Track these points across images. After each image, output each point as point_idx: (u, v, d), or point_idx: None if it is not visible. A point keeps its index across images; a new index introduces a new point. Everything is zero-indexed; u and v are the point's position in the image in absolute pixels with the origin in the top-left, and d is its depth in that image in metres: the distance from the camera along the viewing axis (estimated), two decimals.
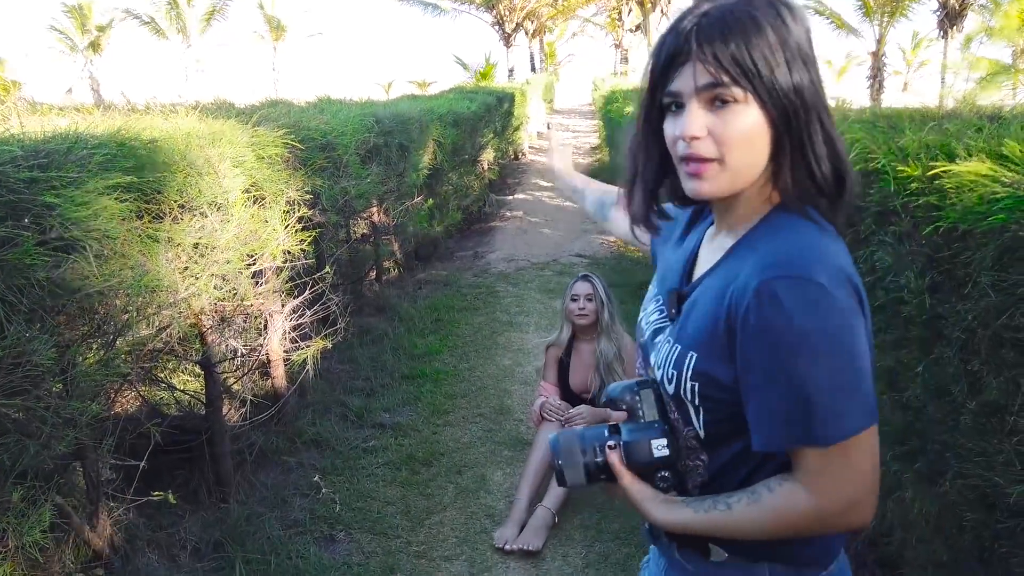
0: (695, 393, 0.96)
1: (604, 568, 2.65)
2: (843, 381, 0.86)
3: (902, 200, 1.86)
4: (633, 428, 1.03)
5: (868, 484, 0.89)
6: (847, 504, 0.89)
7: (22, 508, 1.86)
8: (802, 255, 0.89)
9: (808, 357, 0.85)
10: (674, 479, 1.02)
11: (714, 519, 0.96)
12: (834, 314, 0.85)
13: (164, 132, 2.44)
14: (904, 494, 2.01)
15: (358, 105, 5.32)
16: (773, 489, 0.93)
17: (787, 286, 0.86)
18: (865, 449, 0.88)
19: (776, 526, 0.93)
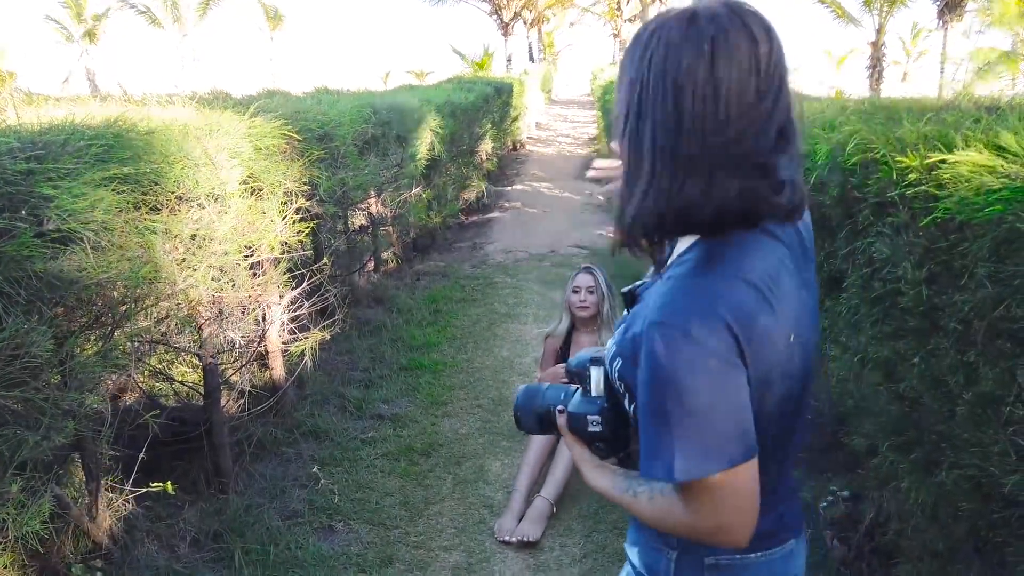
0: (623, 389, 1.06)
1: (602, 558, 2.67)
2: (704, 424, 0.90)
3: (900, 191, 1.86)
4: (580, 400, 1.15)
5: (736, 515, 0.93)
6: (715, 528, 0.94)
7: (22, 499, 1.87)
8: (676, 302, 0.94)
9: (667, 402, 0.91)
10: (607, 450, 1.12)
11: (623, 499, 1.06)
12: (697, 361, 0.90)
13: (161, 123, 2.43)
14: (900, 484, 2.02)
15: (356, 95, 5.30)
16: (665, 494, 0.99)
17: (659, 333, 0.91)
18: (732, 485, 0.91)
19: (662, 525, 1.02)
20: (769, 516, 1.07)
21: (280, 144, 3.12)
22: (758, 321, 0.93)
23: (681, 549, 1.08)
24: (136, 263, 2.11)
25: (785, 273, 0.98)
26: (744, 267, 0.94)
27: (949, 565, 1.89)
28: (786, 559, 1.10)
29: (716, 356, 0.90)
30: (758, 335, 0.93)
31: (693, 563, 1.07)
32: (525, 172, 11.78)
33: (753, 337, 0.92)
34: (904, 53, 30.88)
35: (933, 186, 1.74)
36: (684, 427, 0.90)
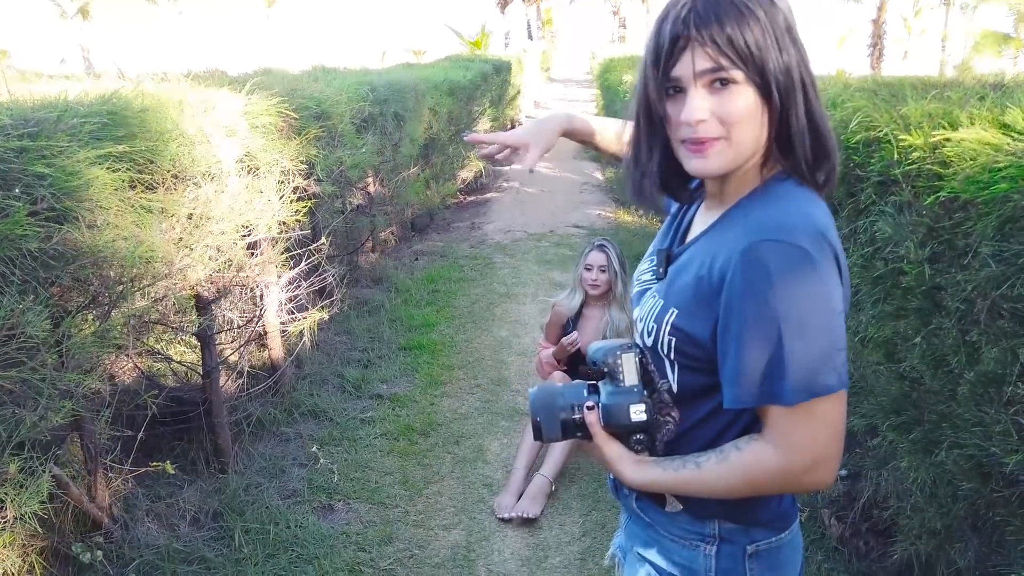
0: (671, 347, 1.01)
1: (600, 536, 2.68)
2: (816, 343, 0.89)
3: (903, 169, 1.84)
4: (613, 391, 1.05)
5: (832, 445, 0.92)
6: (811, 463, 0.93)
7: (20, 479, 1.86)
8: (788, 220, 0.93)
9: (785, 318, 0.89)
10: (647, 442, 1.05)
11: (683, 477, 1.01)
12: (814, 278, 0.89)
13: (156, 100, 2.40)
14: (899, 463, 2.02)
15: (353, 73, 5.25)
16: (741, 448, 0.97)
17: (772, 249, 0.90)
18: (831, 411, 0.91)
19: (743, 483, 0.98)
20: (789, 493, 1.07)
21: (277, 122, 3.08)
22: (843, 258, 0.95)
23: (721, 539, 1.05)
24: (132, 242, 2.09)
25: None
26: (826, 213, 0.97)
27: (947, 544, 1.90)
28: (797, 534, 1.11)
29: (827, 274, 0.90)
30: (846, 274, 0.95)
31: (734, 553, 1.05)
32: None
33: (844, 273, 0.94)
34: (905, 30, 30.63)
35: (937, 164, 1.72)
36: (798, 346, 0.88)
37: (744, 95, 0.94)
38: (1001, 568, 1.67)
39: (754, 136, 0.97)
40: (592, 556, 2.57)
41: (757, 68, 0.93)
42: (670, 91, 0.98)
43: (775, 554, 1.07)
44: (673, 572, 1.09)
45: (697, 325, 0.97)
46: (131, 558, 2.40)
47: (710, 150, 0.96)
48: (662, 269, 1.10)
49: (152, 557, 2.43)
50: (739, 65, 0.92)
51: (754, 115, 0.96)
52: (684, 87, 0.96)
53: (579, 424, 1.08)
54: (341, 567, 2.51)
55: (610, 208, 7.82)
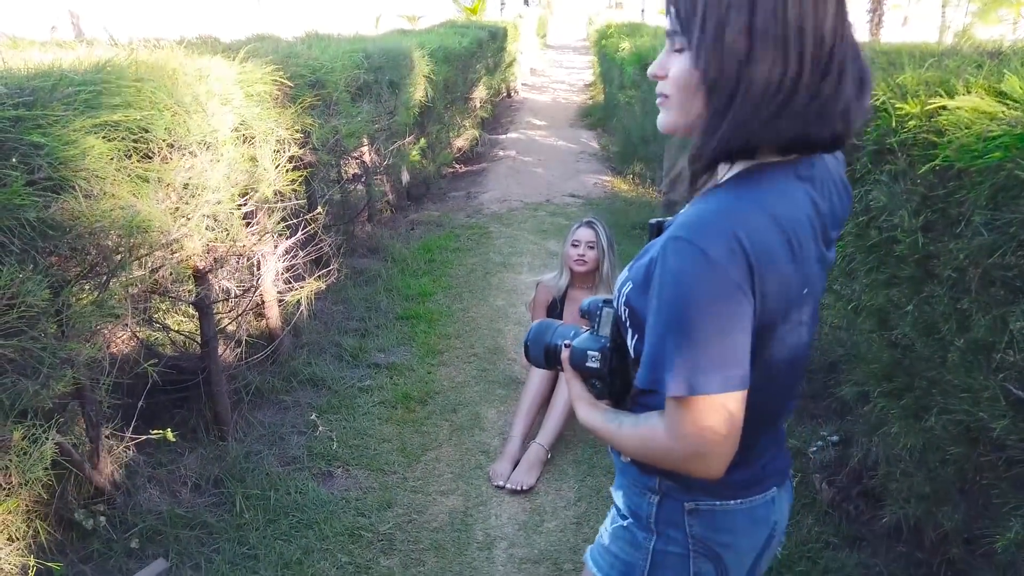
0: (626, 316, 1.07)
1: (596, 501, 2.73)
2: (702, 344, 0.90)
3: (899, 138, 1.84)
4: (586, 337, 1.18)
5: (717, 443, 0.93)
6: (692, 453, 0.95)
7: (24, 446, 1.89)
8: (702, 219, 0.93)
9: (675, 315, 0.91)
10: (603, 388, 1.15)
11: (609, 429, 1.09)
12: (709, 282, 0.89)
13: (150, 69, 2.39)
14: (890, 429, 2.06)
15: (347, 40, 5.19)
16: (649, 420, 1.02)
17: (675, 247, 0.91)
18: (717, 412, 0.91)
19: (642, 452, 1.05)
20: (752, 467, 1.10)
21: (271, 90, 3.06)
22: (776, 259, 0.93)
23: (663, 493, 1.11)
24: (129, 212, 2.09)
25: (808, 226, 0.98)
26: (774, 204, 0.95)
27: (935, 507, 1.94)
28: (767, 506, 1.14)
29: (728, 279, 0.89)
30: (773, 273, 0.92)
31: (674, 507, 1.11)
32: (520, 120, 11.64)
33: (768, 273, 0.92)
34: None
35: (932, 133, 1.73)
36: (686, 343, 0.90)
37: (682, 63, 0.97)
38: (987, 530, 1.71)
39: (688, 105, 0.98)
40: (587, 521, 2.62)
41: (703, 41, 0.92)
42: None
43: (720, 516, 1.10)
44: (625, 513, 1.18)
45: (641, 301, 1.00)
46: (133, 524, 2.44)
47: (663, 106, 1.02)
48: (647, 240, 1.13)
49: (154, 523, 2.47)
50: (676, 29, 0.96)
51: (687, 84, 0.96)
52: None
53: (558, 357, 1.22)
54: (341, 532, 2.55)
55: (607, 177, 7.79)
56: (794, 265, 0.95)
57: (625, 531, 1.17)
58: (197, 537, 2.47)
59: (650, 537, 1.13)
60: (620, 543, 1.18)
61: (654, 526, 1.13)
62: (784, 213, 0.95)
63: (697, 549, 1.11)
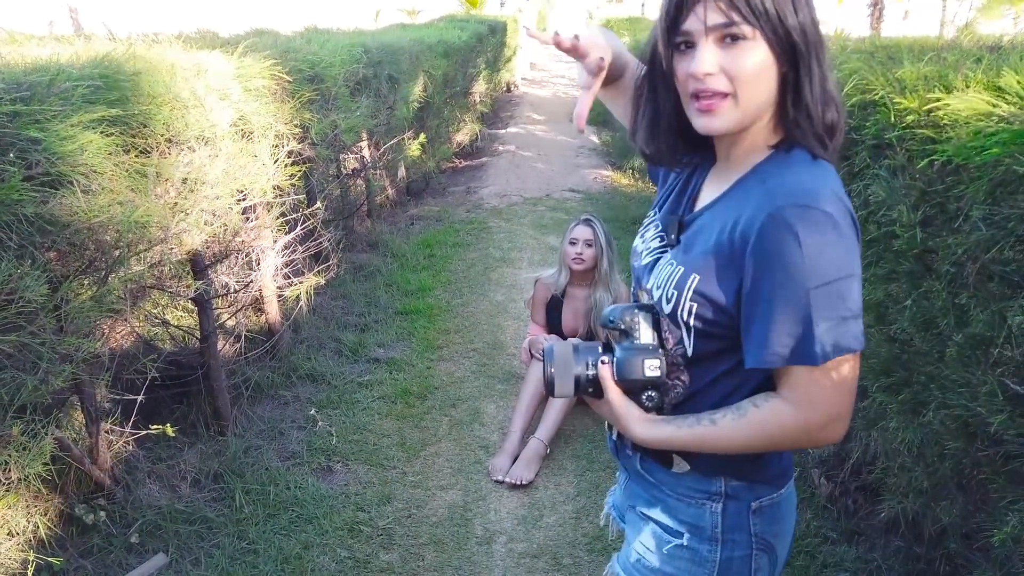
0: (691, 313, 1.01)
1: (595, 496, 2.73)
2: (840, 305, 0.91)
3: (898, 133, 1.84)
4: (628, 347, 1.06)
5: (847, 403, 0.96)
6: (829, 419, 0.96)
7: (23, 441, 1.89)
8: (811, 186, 0.93)
9: (813, 282, 0.90)
10: (658, 400, 1.06)
11: (698, 433, 1.02)
12: (840, 242, 0.91)
13: (148, 63, 2.38)
14: (888, 424, 2.06)
15: (346, 34, 5.18)
16: (759, 405, 0.99)
17: (798, 214, 0.90)
18: (850, 371, 0.94)
19: (762, 438, 1.00)
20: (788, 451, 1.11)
21: (270, 85, 3.06)
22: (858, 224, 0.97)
23: (727, 496, 1.08)
24: (128, 207, 2.09)
25: None
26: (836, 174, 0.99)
27: (933, 502, 1.94)
28: (793, 491, 1.16)
29: (850, 238, 0.92)
30: (859, 230, 0.96)
31: (739, 510, 1.09)
32: (519, 114, 11.62)
33: (858, 230, 0.96)
34: None
35: (931, 128, 1.72)
36: (826, 308, 0.90)
37: (755, 52, 0.93)
38: (985, 525, 1.71)
39: (763, 97, 0.96)
40: (586, 515, 2.63)
41: (771, 25, 0.92)
42: (681, 47, 0.97)
43: (776, 509, 1.11)
44: (679, 529, 1.12)
45: (718, 290, 0.98)
46: (133, 519, 2.45)
47: (717, 108, 0.96)
48: (674, 236, 1.10)
49: (154, 517, 2.47)
50: (751, 20, 0.91)
51: (765, 74, 0.95)
52: (695, 42, 0.95)
53: (592, 380, 1.09)
54: (340, 526, 2.56)
55: (606, 171, 7.79)
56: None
57: (684, 549, 1.12)
58: (197, 532, 2.47)
59: (715, 549, 1.10)
60: (679, 563, 1.12)
61: (720, 534, 1.09)
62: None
63: (758, 546, 1.10)
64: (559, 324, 3.36)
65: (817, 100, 0.97)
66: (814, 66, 0.96)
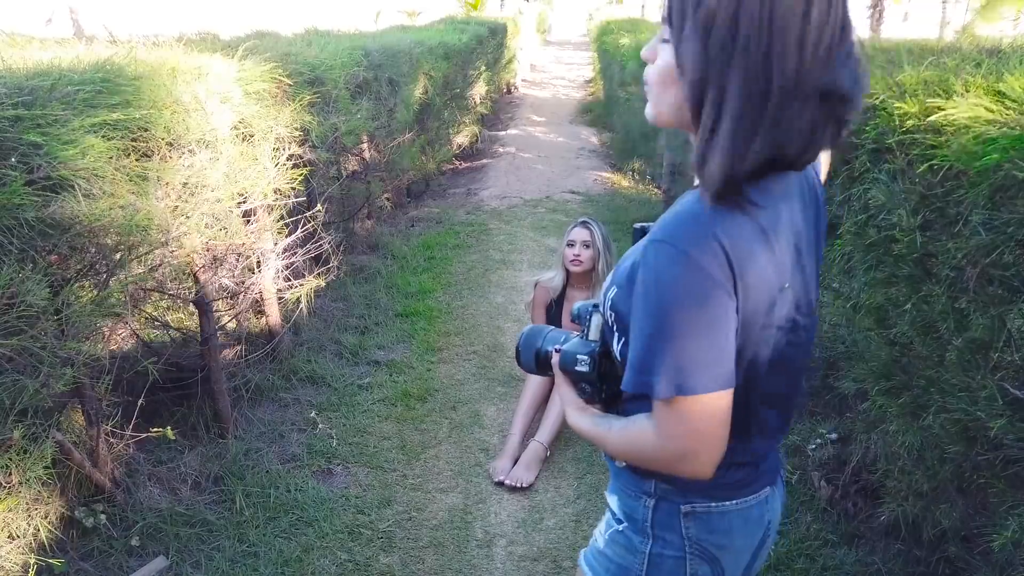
0: (612, 320, 1.07)
1: (595, 498, 2.73)
2: (688, 345, 0.90)
3: (897, 137, 1.84)
4: (575, 342, 1.18)
5: (705, 442, 0.93)
6: (681, 454, 0.95)
7: (24, 445, 1.89)
8: (679, 223, 0.93)
9: (661, 318, 0.91)
10: (592, 392, 1.16)
11: (600, 433, 1.10)
12: (694, 283, 0.89)
13: (149, 67, 2.38)
14: (888, 427, 2.06)
15: (347, 37, 5.18)
16: (638, 422, 1.01)
17: (656, 249, 0.91)
18: (703, 411, 0.92)
19: (632, 454, 1.05)
20: (746, 468, 1.10)
21: (271, 88, 3.06)
22: (756, 255, 0.92)
23: (659, 496, 1.11)
24: (129, 211, 2.09)
25: (787, 219, 0.98)
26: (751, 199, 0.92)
27: (933, 505, 1.95)
28: (761, 506, 1.14)
29: (710, 280, 0.89)
30: (753, 270, 0.92)
31: (670, 510, 1.11)
32: (519, 116, 11.63)
33: (748, 271, 0.91)
34: None
35: (931, 132, 1.73)
36: (671, 345, 0.90)
37: (662, 54, 0.95)
38: (985, 528, 1.72)
39: (665, 100, 0.97)
40: (587, 518, 2.63)
41: (675, 35, 0.91)
42: None
43: (716, 519, 1.10)
44: (620, 517, 1.18)
45: (626, 306, 1.00)
46: (134, 521, 2.45)
47: (647, 94, 1.00)
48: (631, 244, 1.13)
49: (155, 520, 2.48)
50: (665, 20, 0.93)
51: (665, 78, 0.95)
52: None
53: (547, 361, 1.25)
54: (340, 529, 2.56)
55: (607, 173, 7.79)
56: (772, 257, 0.94)
57: (621, 535, 1.17)
58: (197, 534, 2.48)
59: (646, 541, 1.13)
60: (616, 547, 1.18)
61: (650, 530, 1.13)
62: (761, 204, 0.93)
63: (693, 551, 1.11)
64: (559, 327, 3.36)
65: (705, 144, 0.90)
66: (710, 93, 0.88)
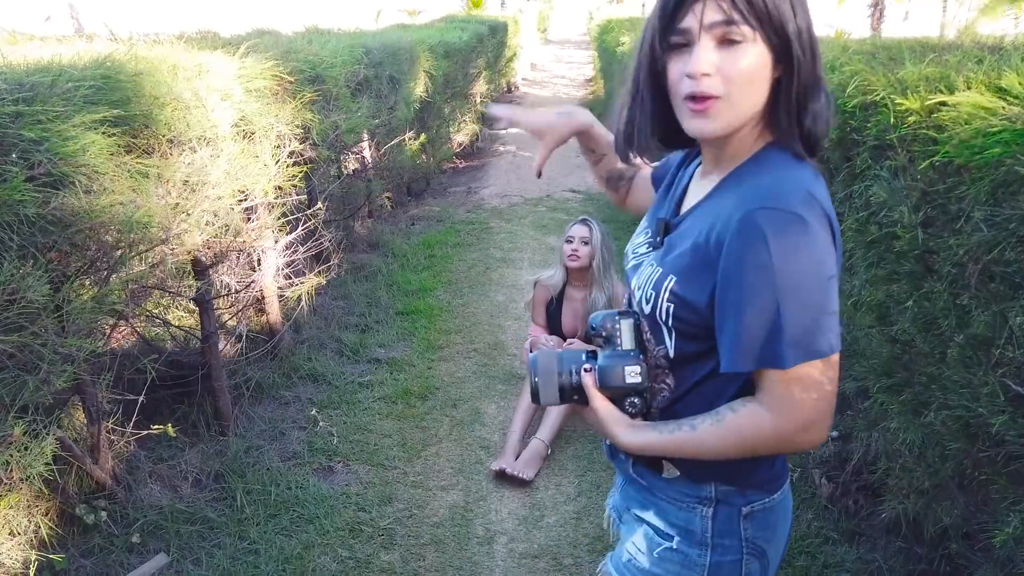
0: (669, 314, 1.01)
1: (596, 496, 2.73)
2: (810, 308, 0.90)
3: (899, 133, 1.84)
4: (610, 354, 1.08)
5: (824, 407, 0.94)
6: (804, 424, 0.94)
7: (25, 441, 1.89)
8: (782, 188, 0.92)
9: (781, 284, 0.89)
10: (642, 406, 1.07)
11: (678, 439, 1.02)
12: (809, 244, 0.90)
13: (150, 64, 2.38)
14: (889, 424, 2.06)
15: (347, 35, 5.18)
16: (736, 410, 0.99)
17: (767, 216, 0.90)
18: (824, 374, 0.92)
19: (738, 445, 0.99)
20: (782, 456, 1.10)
21: (271, 86, 3.06)
22: (836, 222, 0.96)
23: (718, 501, 1.08)
24: (129, 208, 2.09)
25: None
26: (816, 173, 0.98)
27: (934, 502, 1.94)
28: (788, 495, 1.15)
29: (824, 240, 0.91)
30: (838, 235, 0.96)
31: (729, 515, 1.08)
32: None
33: (836, 234, 0.95)
34: None
35: (933, 129, 1.72)
36: (794, 310, 0.89)
37: (753, 54, 0.92)
38: (986, 525, 1.71)
39: (755, 100, 0.95)
40: (587, 515, 2.63)
41: (772, 27, 0.91)
42: (676, 45, 0.95)
43: (768, 514, 1.10)
44: (670, 532, 1.12)
45: (694, 291, 0.97)
46: (135, 519, 2.45)
47: (710, 110, 0.94)
48: (659, 239, 1.10)
49: (155, 517, 2.48)
50: (751, 21, 0.90)
51: (760, 77, 0.94)
52: (691, 41, 0.93)
53: (576, 387, 1.10)
54: (341, 526, 2.56)
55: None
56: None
57: (674, 553, 1.11)
58: (198, 532, 2.48)
59: (704, 553, 1.09)
60: (668, 565, 1.12)
61: (710, 539, 1.09)
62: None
63: (749, 551, 1.09)
64: (559, 325, 3.37)
65: (810, 107, 0.96)
66: (807, 72, 0.95)
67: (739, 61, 0.92)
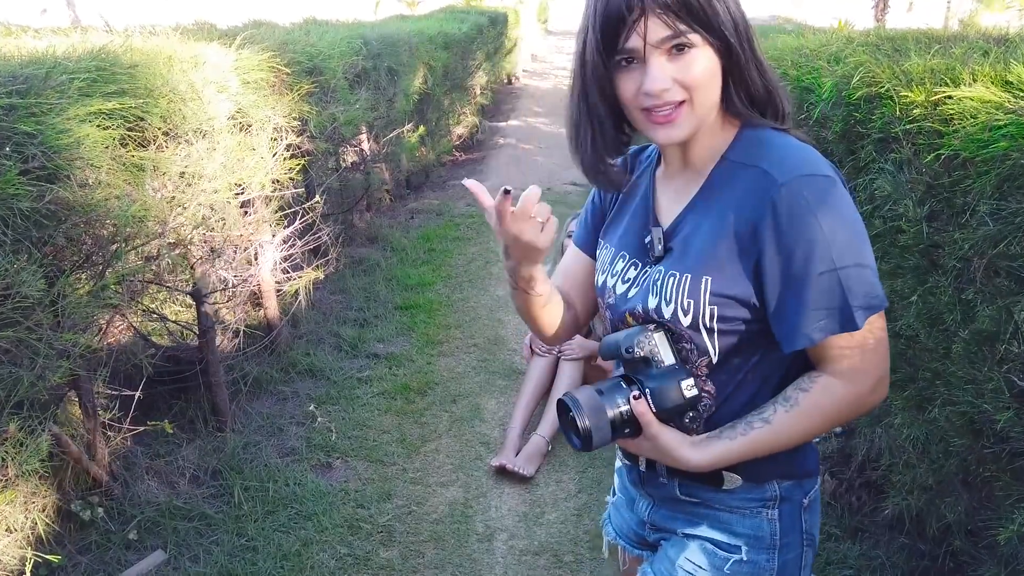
0: (714, 317, 0.98)
1: (597, 492, 2.72)
2: (864, 264, 0.93)
3: (904, 127, 1.82)
4: (656, 374, 0.99)
5: (886, 362, 0.99)
6: (876, 381, 0.97)
7: (20, 437, 1.87)
8: (800, 156, 0.96)
9: (835, 246, 0.91)
10: (697, 417, 1.02)
11: (753, 439, 0.99)
12: (846, 202, 0.94)
13: (145, 55, 2.36)
14: (893, 421, 2.04)
15: (345, 26, 5.15)
16: (808, 389, 0.98)
17: (805, 184, 0.92)
18: (882, 326, 0.96)
19: (819, 421, 0.99)
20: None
21: (268, 78, 3.03)
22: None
23: (781, 498, 1.07)
24: (125, 201, 2.07)
25: None
26: None
27: (937, 498, 1.93)
28: None
29: (848, 195, 0.95)
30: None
31: (792, 511, 1.08)
32: (520, 107, 11.57)
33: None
34: None
35: (938, 122, 1.70)
36: (853, 268, 0.91)
37: (704, 56, 0.94)
38: (990, 522, 1.70)
39: (714, 97, 0.98)
40: (588, 512, 2.61)
41: (712, 28, 0.93)
42: (622, 63, 0.96)
43: (817, 501, 1.12)
44: (736, 544, 1.08)
45: (735, 286, 0.96)
46: (132, 515, 2.43)
47: (676, 118, 0.96)
48: (661, 248, 1.06)
49: (152, 514, 2.46)
50: (696, 28, 0.92)
51: (713, 75, 0.96)
52: (638, 57, 0.94)
53: (627, 419, 1.00)
54: (340, 523, 2.54)
55: None
56: None
57: (744, 564, 1.08)
58: (195, 528, 2.46)
59: (772, 556, 1.07)
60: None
61: (778, 540, 1.07)
62: None
63: (807, 542, 1.11)
64: None
65: (758, 83, 1.00)
66: (749, 53, 0.98)
67: (693, 67, 0.94)
